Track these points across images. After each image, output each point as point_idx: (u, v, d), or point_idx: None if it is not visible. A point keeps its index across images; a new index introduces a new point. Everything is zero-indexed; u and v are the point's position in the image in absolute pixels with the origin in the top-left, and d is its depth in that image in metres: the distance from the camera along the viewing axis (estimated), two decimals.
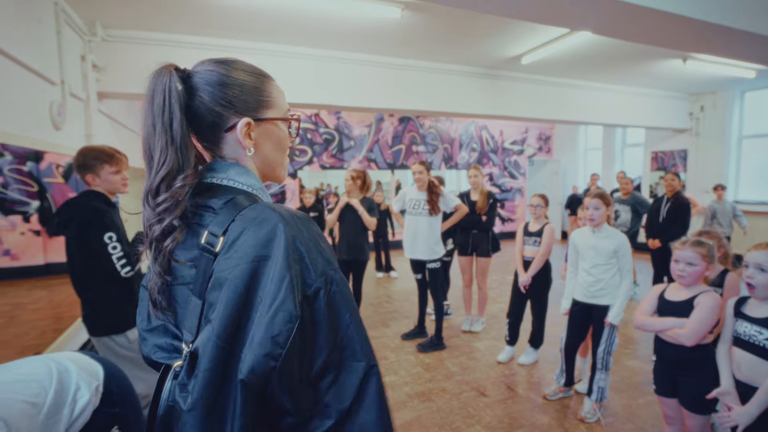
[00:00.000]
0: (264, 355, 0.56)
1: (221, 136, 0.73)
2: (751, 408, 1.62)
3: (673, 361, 1.97)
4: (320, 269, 0.61)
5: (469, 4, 2.76)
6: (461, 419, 2.70)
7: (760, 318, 1.68)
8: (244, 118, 0.71)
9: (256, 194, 0.74)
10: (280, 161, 0.81)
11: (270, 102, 0.76)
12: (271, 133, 0.77)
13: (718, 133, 7.34)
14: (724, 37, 3.33)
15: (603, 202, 2.57)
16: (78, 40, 3.62)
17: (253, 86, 0.74)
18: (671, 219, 4.72)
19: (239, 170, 0.73)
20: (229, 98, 0.71)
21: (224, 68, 0.72)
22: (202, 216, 0.68)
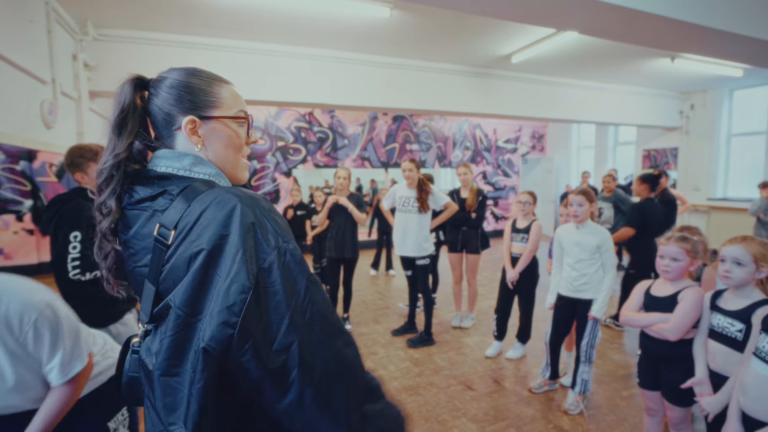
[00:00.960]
0: (220, 323, 0.60)
1: (173, 134, 0.79)
2: (721, 396, 1.68)
3: (658, 355, 2.01)
4: (273, 242, 0.65)
5: (455, 4, 2.80)
6: (448, 412, 2.75)
7: (732, 310, 1.73)
8: (189, 116, 0.77)
9: (214, 180, 0.78)
10: (234, 160, 0.84)
11: (217, 102, 0.80)
12: (219, 132, 0.81)
13: (707, 131, 7.42)
14: (708, 38, 3.40)
15: (586, 199, 2.63)
16: (69, 39, 3.65)
17: (200, 88, 0.79)
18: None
19: (194, 160, 0.78)
20: (177, 98, 0.77)
21: (179, 74, 0.79)
22: (156, 201, 0.73)
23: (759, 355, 1.48)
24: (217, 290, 0.62)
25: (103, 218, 0.74)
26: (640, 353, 2.14)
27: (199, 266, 0.64)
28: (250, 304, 0.61)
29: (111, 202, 0.73)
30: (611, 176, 5.66)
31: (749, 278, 1.70)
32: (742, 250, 1.70)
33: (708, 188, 7.48)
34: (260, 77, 4.69)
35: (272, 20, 3.95)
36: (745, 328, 1.66)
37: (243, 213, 0.65)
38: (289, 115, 8.04)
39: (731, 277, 1.73)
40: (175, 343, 0.64)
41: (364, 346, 3.81)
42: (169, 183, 0.74)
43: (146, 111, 0.80)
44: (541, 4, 2.76)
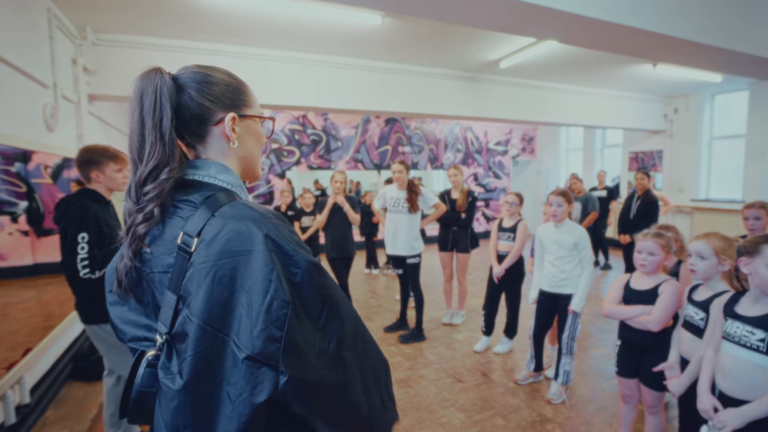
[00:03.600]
0: (266, 339, 0.62)
1: (208, 131, 0.80)
2: (684, 379, 1.85)
3: (638, 345, 2.16)
4: (301, 258, 0.67)
5: (438, 15, 2.96)
6: (437, 402, 2.88)
7: (700, 301, 1.88)
8: (231, 113, 0.79)
9: (235, 191, 0.79)
10: (258, 157, 0.89)
11: (249, 101, 0.84)
12: (252, 129, 0.85)
13: (690, 134, 7.65)
14: (683, 49, 3.59)
15: (565, 200, 2.79)
16: (69, 44, 3.74)
17: (235, 86, 0.82)
18: (641, 215, 4.97)
19: (220, 168, 0.79)
20: (216, 94, 0.79)
21: (208, 70, 0.81)
22: (182, 209, 0.73)
23: (731, 340, 1.59)
24: (250, 306, 0.63)
25: (143, 223, 0.73)
26: (619, 344, 2.27)
27: (223, 280, 0.64)
28: (292, 318, 0.63)
29: (156, 210, 0.72)
30: (576, 177, 6.11)
31: (713, 271, 1.84)
32: (704, 245, 1.85)
33: (691, 189, 7.70)
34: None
35: (267, 26, 4.07)
36: (706, 316, 1.80)
37: (267, 229, 0.67)
38: (283, 117, 8.15)
39: (696, 270, 1.87)
40: (203, 360, 0.64)
41: None
42: (194, 190, 0.75)
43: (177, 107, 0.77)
44: (521, 16, 2.92)
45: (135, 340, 0.77)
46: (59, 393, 3.02)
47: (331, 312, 0.68)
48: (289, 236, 0.69)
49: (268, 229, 0.67)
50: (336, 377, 0.67)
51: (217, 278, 0.64)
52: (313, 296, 0.67)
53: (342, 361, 0.68)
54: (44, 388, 2.82)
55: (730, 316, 1.62)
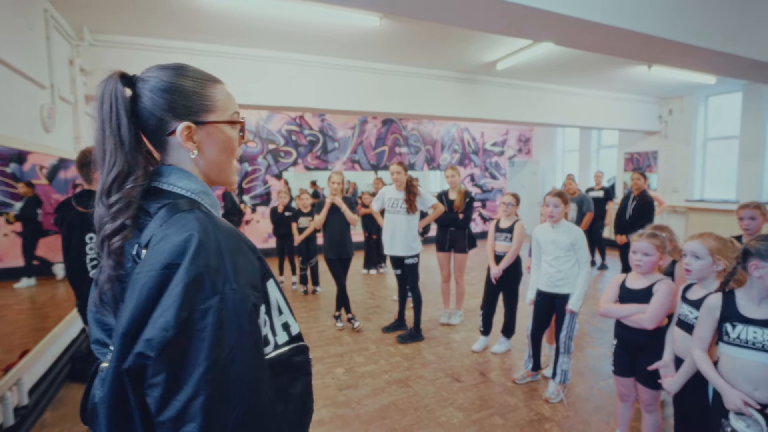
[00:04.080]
0: (137, 353, 0.58)
1: (165, 140, 0.76)
2: (679, 378, 1.87)
3: (633, 343, 2.18)
4: (220, 286, 0.62)
5: (435, 17, 2.99)
6: (435, 402, 2.89)
7: (693, 300, 1.90)
8: (183, 122, 0.73)
9: (196, 198, 0.75)
10: (227, 165, 0.82)
11: (212, 106, 0.77)
12: (215, 137, 0.78)
13: (685, 135, 7.71)
14: (677, 51, 3.63)
15: (562, 201, 2.81)
16: (66, 45, 3.73)
17: (193, 91, 0.75)
18: (637, 216, 5.01)
19: (179, 174, 0.75)
20: (168, 103, 0.73)
21: (166, 74, 0.74)
22: (139, 218, 0.71)
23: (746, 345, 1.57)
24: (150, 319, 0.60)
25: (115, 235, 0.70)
26: (615, 343, 2.30)
27: (145, 293, 0.61)
28: (171, 344, 0.58)
29: (129, 222, 0.70)
30: (571, 178, 6.11)
31: (707, 270, 1.87)
32: (698, 245, 1.88)
33: (686, 190, 7.77)
34: (252, 82, 4.81)
35: (264, 27, 4.08)
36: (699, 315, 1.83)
37: (199, 247, 0.62)
38: (280, 118, 8.15)
39: (691, 269, 1.90)
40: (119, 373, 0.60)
41: (355, 342, 3.94)
42: (153, 199, 0.72)
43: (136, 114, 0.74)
44: (517, 18, 2.95)
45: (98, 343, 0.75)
46: (57, 394, 3.00)
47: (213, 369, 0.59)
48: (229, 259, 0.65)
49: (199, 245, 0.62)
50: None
51: (143, 291, 0.61)
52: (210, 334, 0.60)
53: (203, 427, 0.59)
54: (42, 390, 2.81)
55: (737, 320, 1.60)
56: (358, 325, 4.25)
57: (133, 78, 0.74)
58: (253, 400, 0.62)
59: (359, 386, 3.11)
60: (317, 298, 5.45)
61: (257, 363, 0.65)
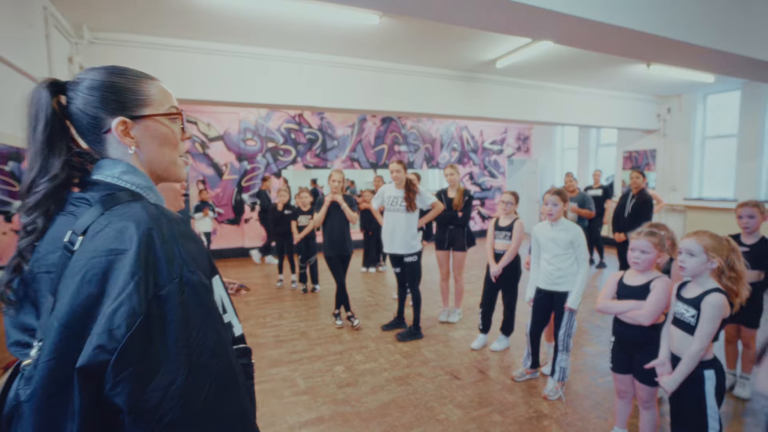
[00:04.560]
0: (97, 347, 0.56)
1: (102, 138, 0.75)
2: (677, 375, 1.88)
3: (631, 340, 2.21)
4: (177, 270, 0.62)
5: (434, 15, 2.99)
6: (435, 399, 2.91)
7: (689, 298, 1.91)
8: (118, 118, 0.74)
9: (141, 193, 0.75)
10: (170, 159, 0.82)
11: (146, 100, 0.77)
12: (154, 130, 0.78)
13: (683, 134, 7.73)
14: (676, 50, 3.64)
15: (560, 199, 2.83)
16: (65, 42, 3.72)
17: (125, 87, 0.75)
18: (635, 214, 5.02)
19: (125, 168, 0.75)
20: (101, 100, 0.73)
21: (98, 73, 0.75)
22: (76, 207, 0.71)
23: None
24: (103, 310, 0.58)
25: (26, 236, 0.69)
26: (613, 340, 2.32)
27: (93, 279, 0.59)
28: (137, 332, 0.56)
29: (40, 221, 0.70)
30: (571, 176, 6.09)
31: (702, 268, 1.88)
32: (693, 242, 1.90)
33: (684, 188, 7.79)
34: (251, 80, 4.80)
35: (263, 25, 4.08)
36: (697, 313, 1.84)
37: (149, 232, 0.62)
38: (279, 116, 8.14)
39: (685, 266, 1.91)
40: (55, 366, 0.57)
41: (354, 340, 3.95)
42: (93, 189, 0.72)
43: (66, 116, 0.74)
44: (516, 17, 2.95)
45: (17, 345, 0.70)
46: None
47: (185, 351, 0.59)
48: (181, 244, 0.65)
49: (148, 230, 0.62)
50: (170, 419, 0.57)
51: (87, 277, 0.60)
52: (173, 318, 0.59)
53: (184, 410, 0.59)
54: None
55: None
56: (358, 323, 4.26)
57: (65, 84, 0.75)
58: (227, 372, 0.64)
59: (359, 384, 3.13)
60: (317, 296, 5.46)
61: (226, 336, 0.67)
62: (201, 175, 7.73)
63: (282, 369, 3.38)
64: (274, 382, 3.16)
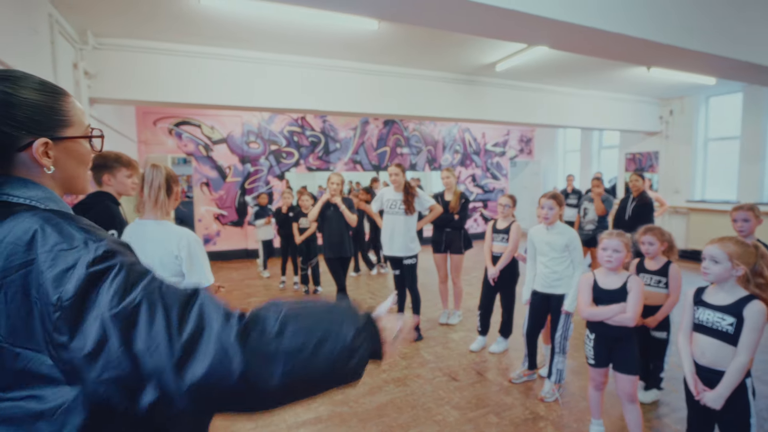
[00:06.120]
0: None
1: (13, 156, 0.70)
2: (722, 390, 1.78)
3: (612, 337, 2.31)
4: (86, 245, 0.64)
5: (429, 23, 3.05)
6: (432, 401, 2.93)
7: (721, 305, 1.83)
8: (41, 138, 0.70)
9: (38, 205, 0.71)
10: (83, 175, 0.82)
11: (68, 121, 0.75)
12: (72, 151, 0.77)
13: (686, 136, 7.71)
14: (673, 55, 3.66)
15: (556, 203, 2.86)
16: (70, 48, 3.79)
17: (47, 106, 0.72)
18: (636, 217, 5.02)
19: (16, 183, 0.71)
20: (19, 119, 0.69)
21: (9, 86, 0.69)
22: None
23: None
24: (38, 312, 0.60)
25: None
26: (593, 337, 2.39)
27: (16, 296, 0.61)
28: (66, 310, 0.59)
29: None
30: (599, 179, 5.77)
31: (726, 275, 1.83)
32: (717, 249, 1.85)
33: (687, 190, 7.77)
34: (252, 84, 4.86)
35: (265, 30, 4.13)
36: (735, 321, 1.78)
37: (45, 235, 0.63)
38: (281, 119, 8.21)
39: (708, 272, 1.87)
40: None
41: None
42: None
43: None
44: (510, 24, 2.98)
45: None
46: None
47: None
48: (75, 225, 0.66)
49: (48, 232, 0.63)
50: None
51: (9, 296, 0.60)
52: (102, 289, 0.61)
53: None
54: None
55: None
56: None
57: None
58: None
59: (357, 385, 3.15)
60: (318, 297, 5.48)
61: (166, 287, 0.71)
62: (205, 177, 7.80)
63: None
64: None
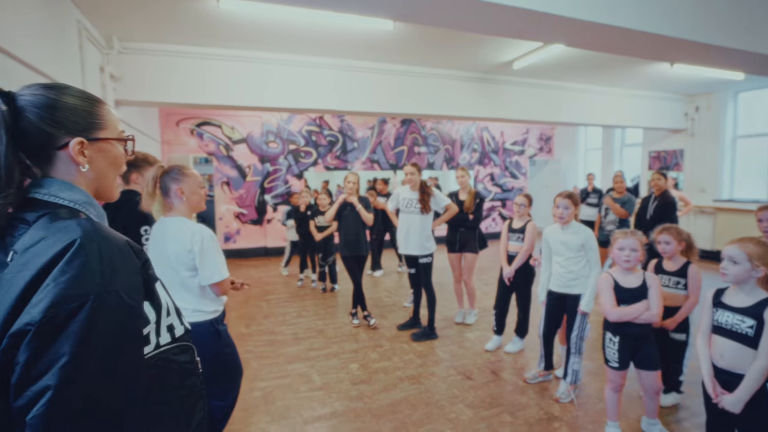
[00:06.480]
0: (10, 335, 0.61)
1: (53, 154, 0.78)
2: (742, 394, 1.75)
3: (636, 336, 2.32)
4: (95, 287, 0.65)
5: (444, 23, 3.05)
6: (446, 399, 2.95)
7: (741, 307, 1.79)
8: (77, 138, 0.78)
9: (80, 209, 0.78)
10: (113, 179, 0.88)
11: (102, 123, 0.83)
12: (106, 152, 0.84)
13: (713, 133, 7.48)
14: (694, 51, 3.56)
15: (572, 203, 2.83)
16: (97, 53, 3.94)
17: (84, 110, 0.80)
18: (658, 217, 4.90)
19: (61, 186, 0.78)
20: (59, 119, 0.76)
21: (53, 92, 0.77)
22: (16, 228, 0.73)
23: None
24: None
25: None
26: (618, 340, 2.34)
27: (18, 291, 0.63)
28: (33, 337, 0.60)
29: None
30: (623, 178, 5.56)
31: (745, 275, 1.79)
32: (736, 250, 1.82)
33: (714, 190, 7.53)
34: (271, 85, 4.95)
35: (282, 32, 4.20)
36: (756, 324, 1.75)
37: (78, 250, 0.65)
38: (300, 119, 8.31)
39: (727, 273, 1.84)
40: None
41: (370, 339, 4.03)
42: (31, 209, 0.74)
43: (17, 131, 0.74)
44: (525, 23, 2.96)
45: None
46: None
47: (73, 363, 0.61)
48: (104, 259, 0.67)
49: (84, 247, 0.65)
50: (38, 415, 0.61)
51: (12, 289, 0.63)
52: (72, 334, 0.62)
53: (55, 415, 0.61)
54: None
55: None
56: (374, 323, 4.34)
57: (9, 94, 0.75)
58: (111, 399, 0.65)
59: (372, 381, 3.20)
60: (335, 295, 5.56)
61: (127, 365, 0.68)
62: (225, 176, 7.97)
63: (299, 365, 3.49)
64: (291, 378, 3.26)
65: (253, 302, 5.27)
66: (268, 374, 3.33)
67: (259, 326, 4.43)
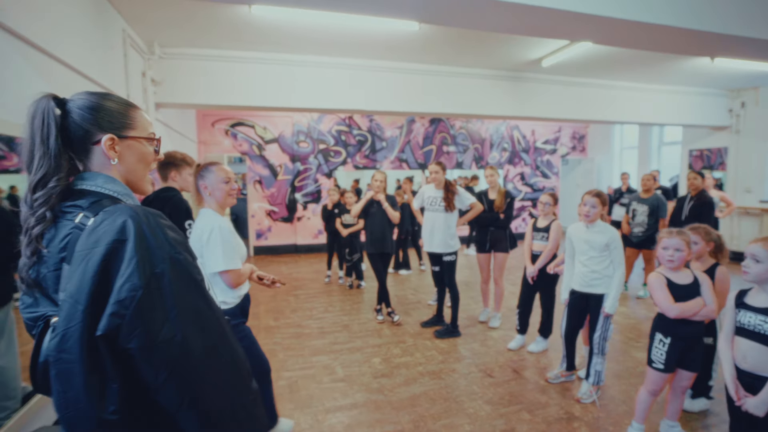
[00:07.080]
0: (111, 314, 0.72)
1: (89, 149, 0.92)
2: (766, 396, 1.70)
3: (688, 336, 2.24)
4: (167, 252, 0.78)
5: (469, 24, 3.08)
6: (465, 395, 2.98)
7: (764, 307, 1.76)
8: (109, 134, 0.91)
9: (121, 198, 0.92)
10: (142, 174, 1.00)
11: (133, 124, 0.96)
12: (135, 149, 0.96)
13: (761, 130, 7.09)
14: (734, 44, 3.41)
15: (600, 201, 2.80)
16: (139, 59, 4.20)
17: (119, 112, 0.94)
18: (694, 217, 4.72)
19: (106, 179, 0.92)
20: (97, 118, 0.90)
21: (95, 98, 0.92)
22: (71, 213, 0.86)
23: None
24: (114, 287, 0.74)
25: (37, 225, 0.84)
26: (668, 341, 2.24)
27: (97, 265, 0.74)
28: (141, 301, 0.72)
29: (48, 214, 0.85)
30: (653, 177, 5.31)
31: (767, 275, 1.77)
32: (759, 248, 1.79)
33: (761, 190, 7.15)
34: (301, 86, 5.11)
35: (311, 35, 4.34)
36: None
37: (140, 225, 0.78)
38: (330, 119, 8.48)
39: (749, 272, 1.82)
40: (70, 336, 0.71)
41: (394, 334, 4.10)
42: (82, 198, 0.88)
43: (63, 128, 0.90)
44: (550, 21, 2.93)
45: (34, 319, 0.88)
46: None
47: (182, 312, 0.76)
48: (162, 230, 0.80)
49: (139, 223, 0.77)
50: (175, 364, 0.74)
51: (91, 263, 0.74)
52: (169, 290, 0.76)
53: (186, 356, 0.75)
54: None
55: None
56: (398, 319, 4.41)
57: (63, 99, 0.91)
58: (216, 325, 0.82)
59: (393, 375, 3.27)
60: (361, 292, 5.66)
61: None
62: (258, 175, 8.24)
63: (323, 357, 3.60)
64: (315, 369, 3.38)
65: (281, 297, 5.46)
66: (293, 365, 3.46)
67: (287, 320, 4.59)
